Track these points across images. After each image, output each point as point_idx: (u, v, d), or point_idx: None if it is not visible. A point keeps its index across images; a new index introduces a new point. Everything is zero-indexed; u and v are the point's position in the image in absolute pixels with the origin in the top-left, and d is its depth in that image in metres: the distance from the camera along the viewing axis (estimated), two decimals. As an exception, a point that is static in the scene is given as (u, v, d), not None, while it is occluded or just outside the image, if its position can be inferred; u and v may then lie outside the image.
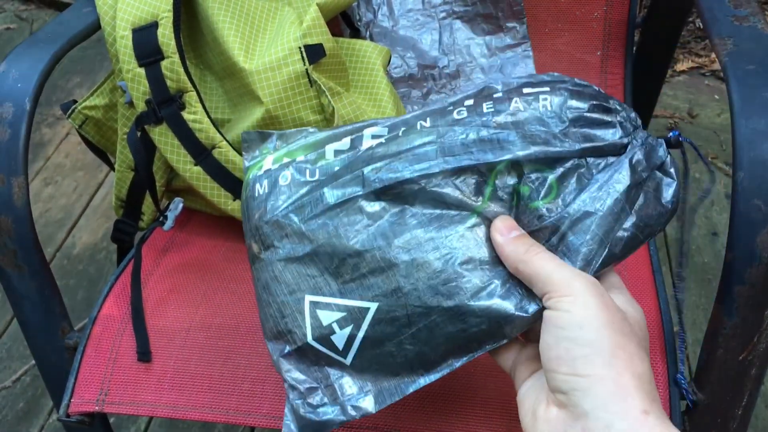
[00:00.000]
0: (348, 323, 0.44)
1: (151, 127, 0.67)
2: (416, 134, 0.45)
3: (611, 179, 0.42)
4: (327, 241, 0.44)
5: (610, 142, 0.43)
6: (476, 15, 0.92)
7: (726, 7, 0.63)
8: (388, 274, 0.43)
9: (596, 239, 0.42)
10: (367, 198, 0.44)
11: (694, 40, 1.76)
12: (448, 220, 0.43)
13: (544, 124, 0.43)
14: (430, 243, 0.43)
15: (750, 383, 0.54)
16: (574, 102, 0.43)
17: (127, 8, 0.66)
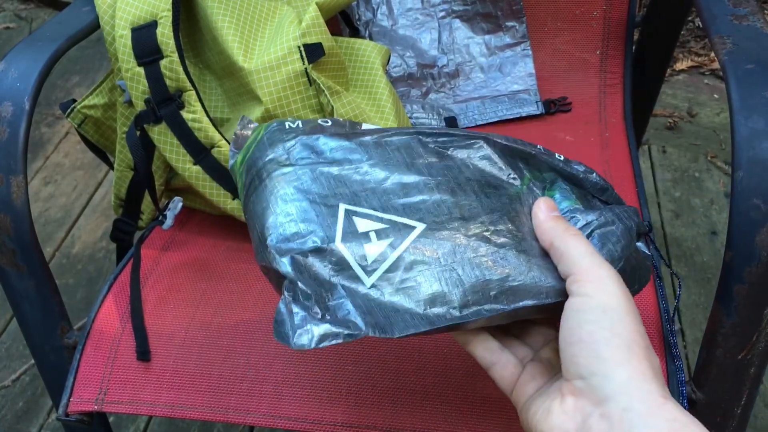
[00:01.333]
0: (388, 237, 0.41)
1: (150, 126, 0.67)
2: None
3: (624, 212, 0.46)
4: (381, 159, 0.43)
5: (597, 182, 0.49)
6: (475, 14, 0.92)
7: (725, 6, 0.63)
8: (440, 203, 0.43)
9: (619, 245, 0.44)
10: (424, 137, 0.45)
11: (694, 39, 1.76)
12: (499, 183, 0.45)
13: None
14: (482, 192, 0.44)
15: (749, 382, 0.54)
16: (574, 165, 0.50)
17: (126, 7, 0.66)
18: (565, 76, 0.92)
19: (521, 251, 0.43)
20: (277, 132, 0.44)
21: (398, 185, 0.43)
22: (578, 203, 0.47)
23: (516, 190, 0.45)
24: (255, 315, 0.63)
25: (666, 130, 1.54)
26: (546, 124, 0.89)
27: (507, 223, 0.44)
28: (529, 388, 0.43)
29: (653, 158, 1.47)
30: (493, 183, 0.45)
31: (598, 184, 0.48)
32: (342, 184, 0.42)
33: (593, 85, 0.91)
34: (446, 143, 0.45)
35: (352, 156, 0.44)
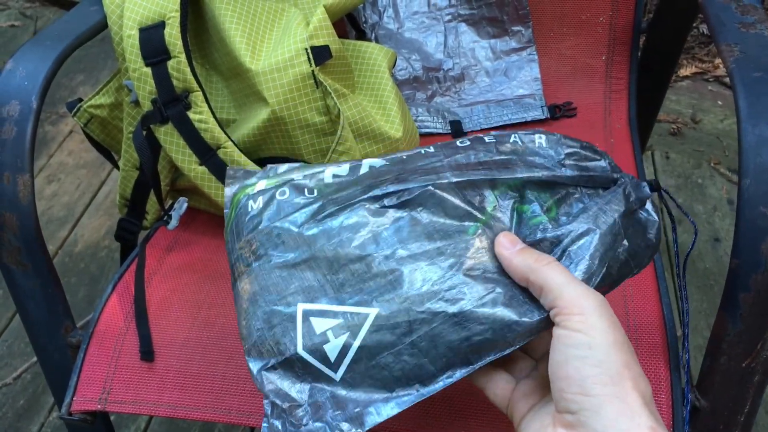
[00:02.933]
0: (344, 330, 0.42)
1: (156, 126, 0.67)
2: (421, 157, 0.46)
3: (609, 203, 0.45)
4: (327, 246, 0.44)
5: (602, 174, 0.46)
6: (481, 18, 0.92)
7: (733, 14, 0.63)
8: (390, 279, 0.43)
9: (597, 255, 0.43)
10: (371, 203, 0.44)
11: (698, 45, 1.76)
12: (453, 228, 0.44)
13: (542, 156, 0.46)
14: (435, 250, 0.43)
15: (753, 390, 0.54)
16: (568, 141, 0.47)
17: (134, 7, 0.66)
18: (571, 81, 0.92)
19: (480, 304, 0.41)
20: (242, 218, 0.47)
21: (348, 268, 0.43)
22: (547, 216, 0.45)
23: (473, 229, 0.44)
24: (259, 316, 0.63)
25: (669, 136, 1.54)
26: (551, 128, 0.89)
27: (463, 275, 0.42)
28: (521, 406, 0.43)
29: (656, 164, 1.47)
30: (446, 231, 0.43)
31: (581, 176, 0.46)
32: (298, 278, 0.44)
33: (598, 91, 0.91)
34: (393, 202, 0.44)
35: (308, 238, 0.44)
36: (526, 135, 0.47)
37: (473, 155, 0.46)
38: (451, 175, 0.44)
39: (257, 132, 0.68)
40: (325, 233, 0.44)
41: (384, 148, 0.71)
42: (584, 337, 0.37)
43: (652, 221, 0.47)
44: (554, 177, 0.45)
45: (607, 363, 0.37)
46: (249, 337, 0.45)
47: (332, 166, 0.48)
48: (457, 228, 0.44)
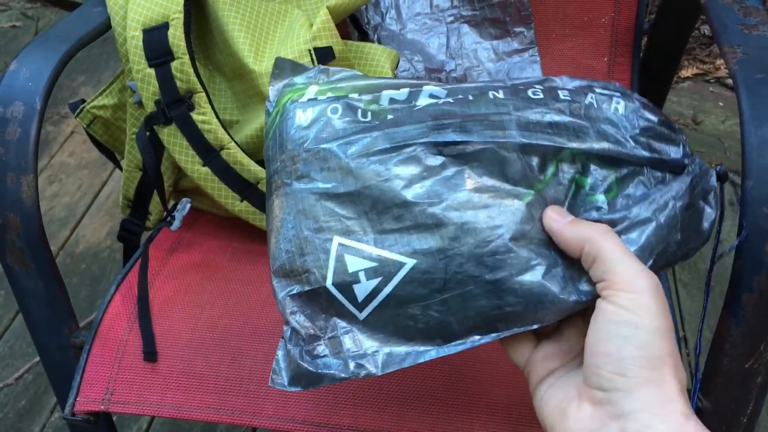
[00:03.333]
0: (377, 275, 0.41)
1: (160, 127, 0.67)
2: (489, 102, 0.43)
3: (674, 194, 0.42)
4: (375, 184, 0.41)
5: (674, 159, 0.44)
6: (484, 19, 0.92)
7: (735, 16, 0.63)
8: (434, 232, 0.40)
9: (648, 247, 0.41)
10: (428, 148, 0.41)
11: (699, 46, 1.76)
12: (506, 191, 0.41)
13: (616, 126, 0.43)
14: (484, 210, 0.41)
15: (755, 391, 0.54)
16: (647, 113, 0.45)
17: (137, 8, 0.66)
18: (573, 82, 0.92)
19: (520, 275, 0.40)
20: (287, 127, 0.44)
21: (392, 211, 0.41)
22: (606, 196, 0.43)
23: (527, 196, 0.41)
24: (262, 317, 0.63)
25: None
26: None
27: (508, 242, 0.40)
28: (540, 368, 0.42)
29: (658, 165, 1.47)
30: (499, 193, 0.41)
31: (651, 158, 0.43)
32: (339, 210, 0.42)
33: (600, 92, 0.91)
34: (452, 152, 0.42)
35: (356, 171, 0.42)
36: (604, 95, 0.44)
37: (545, 113, 0.43)
38: (518, 135, 0.42)
39: (261, 133, 0.68)
40: (375, 170, 0.41)
41: (387, 149, 0.71)
42: (632, 316, 0.36)
43: (709, 213, 0.45)
44: (624, 154, 0.42)
45: (650, 347, 0.35)
46: (277, 258, 0.43)
47: (388, 86, 0.45)
48: (510, 192, 0.41)
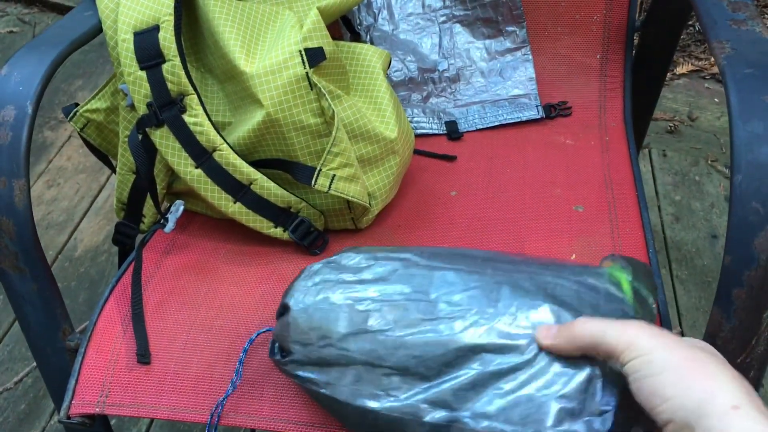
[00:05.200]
0: None
1: (152, 129, 0.67)
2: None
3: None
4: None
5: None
6: (476, 19, 0.92)
7: (724, 11, 0.63)
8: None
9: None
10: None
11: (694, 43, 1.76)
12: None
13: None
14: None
15: (748, 385, 0.54)
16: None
17: (128, 12, 0.66)
18: (566, 80, 0.93)
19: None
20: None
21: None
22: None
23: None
24: (256, 318, 0.63)
25: (666, 133, 1.54)
26: (546, 128, 0.89)
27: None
28: None
29: (654, 162, 1.47)
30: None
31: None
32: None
33: (593, 89, 0.92)
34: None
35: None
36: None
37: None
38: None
39: (252, 134, 0.69)
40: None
41: (379, 148, 0.71)
42: (641, 359, 0.39)
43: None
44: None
45: (668, 366, 0.38)
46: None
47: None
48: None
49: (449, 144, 0.89)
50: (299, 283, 0.53)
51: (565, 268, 0.50)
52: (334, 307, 0.50)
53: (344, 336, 0.48)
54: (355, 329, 0.48)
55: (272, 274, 0.69)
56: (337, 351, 0.48)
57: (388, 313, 0.48)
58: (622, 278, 0.49)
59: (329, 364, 0.49)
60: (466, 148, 0.87)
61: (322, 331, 0.49)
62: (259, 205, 0.70)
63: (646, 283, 0.49)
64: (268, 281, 0.68)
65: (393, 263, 0.51)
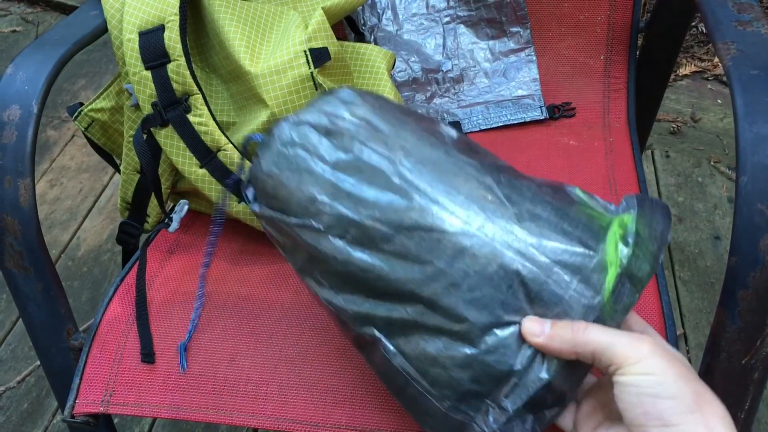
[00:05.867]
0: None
1: (156, 129, 0.67)
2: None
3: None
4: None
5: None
6: (480, 19, 0.92)
7: (729, 12, 0.63)
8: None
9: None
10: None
11: (697, 44, 1.76)
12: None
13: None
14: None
15: (753, 387, 0.54)
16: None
17: (133, 11, 0.66)
18: (569, 81, 0.93)
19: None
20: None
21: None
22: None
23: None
24: (259, 317, 0.63)
25: (669, 135, 1.54)
26: (550, 129, 0.89)
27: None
28: (587, 426, 0.44)
29: (657, 163, 1.47)
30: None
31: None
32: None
33: (597, 90, 0.92)
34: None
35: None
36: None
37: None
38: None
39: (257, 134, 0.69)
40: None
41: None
42: (650, 377, 0.39)
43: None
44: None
45: (680, 394, 0.38)
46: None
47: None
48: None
49: (453, 144, 0.89)
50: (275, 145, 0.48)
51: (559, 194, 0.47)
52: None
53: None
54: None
55: (276, 274, 0.69)
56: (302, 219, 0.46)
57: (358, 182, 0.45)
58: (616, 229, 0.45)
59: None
60: (469, 149, 0.87)
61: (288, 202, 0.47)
62: (263, 205, 0.70)
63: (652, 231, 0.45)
64: (272, 281, 0.68)
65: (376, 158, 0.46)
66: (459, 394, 0.43)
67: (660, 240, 0.44)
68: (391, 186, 0.44)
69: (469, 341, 0.43)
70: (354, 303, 0.46)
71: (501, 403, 0.42)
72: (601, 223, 0.45)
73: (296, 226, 0.46)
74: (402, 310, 0.44)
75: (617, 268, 0.42)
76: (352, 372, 0.58)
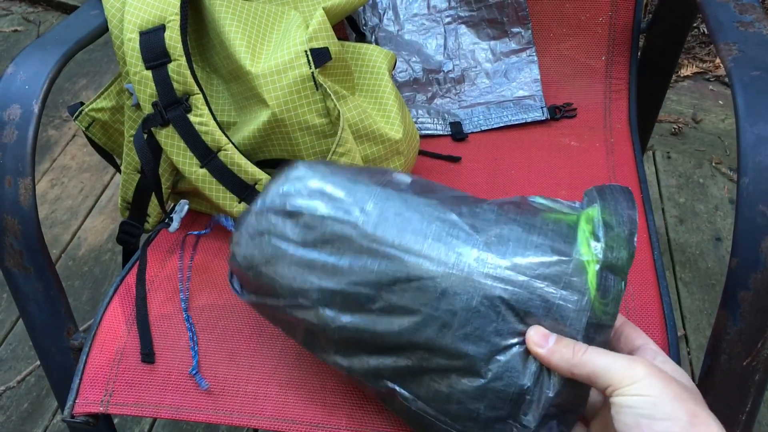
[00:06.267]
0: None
1: (157, 129, 0.67)
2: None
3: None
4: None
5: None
6: (481, 20, 0.92)
7: (731, 13, 0.63)
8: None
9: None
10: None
11: (699, 45, 1.76)
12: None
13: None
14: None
15: (754, 389, 0.54)
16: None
17: (134, 11, 0.66)
18: (571, 81, 0.93)
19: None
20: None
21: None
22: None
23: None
24: (260, 318, 0.63)
25: (671, 135, 1.54)
26: (551, 129, 0.89)
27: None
28: None
29: (658, 164, 1.46)
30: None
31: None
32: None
33: (598, 91, 0.91)
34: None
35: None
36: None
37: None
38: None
39: (258, 134, 0.69)
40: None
41: (384, 149, 0.71)
42: (645, 399, 0.39)
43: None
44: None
45: (675, 414, 0.39)
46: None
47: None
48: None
49: (454, 145, 0.89)
50: (248, 223, 0.51)
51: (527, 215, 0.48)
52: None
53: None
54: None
55: (276, 274, 0.69)
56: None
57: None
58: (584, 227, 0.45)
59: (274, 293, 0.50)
60: (470, 149, 0.87)
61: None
62: (263, 205, 0.70)
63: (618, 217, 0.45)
64: (273, 281, 0.68)
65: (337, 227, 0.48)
66: (481, 423, 0.44)
67: (629, 223, 0.45)
68: (361, 249, 0.46)
69: (476, 373, 0.44)
70: (360, 361, 0.48)
71: (522, 421, 0.43)
72: (569, 223, 0.46)
73: (287, 307, 0.49)
74: (405, 359, 0.46)
75: (595, 264, 0.43)
76: (353, 372, 0.58)
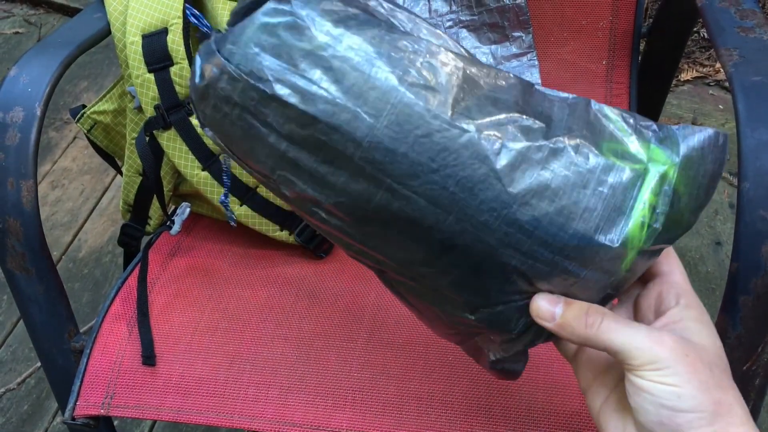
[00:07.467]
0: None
1: (159, 132, 0.67)
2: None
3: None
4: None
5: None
6: (482, 24, 0.92)
7: (732, 18, 0.63)
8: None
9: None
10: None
11: (699, 50, 1.76)
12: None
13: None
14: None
15: (754, 394, 0.54)
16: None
17: (137, 14, 0.66)
18: (571, 86, 0.93)
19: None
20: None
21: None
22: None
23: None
24: (261, 320, 0.63)
25: (671, 140, 1.54)
26: (552, 133, 0.89)
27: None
28: (597, 401, 0.42)
29: (658, 168, 1.47)
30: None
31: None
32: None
33: (599, 95, 0.92)
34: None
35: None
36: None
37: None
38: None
39: (259, 137, 0.69)
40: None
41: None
42: (669, 390, 0.36)
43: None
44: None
45: (699, 408, 0.36)
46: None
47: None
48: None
49: (455, 148, 0.89)
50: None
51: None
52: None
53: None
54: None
55: (277, 277, 0.69)
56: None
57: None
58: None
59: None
60: (471, 153, 0.87)
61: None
62: (265, 209, 0.70)
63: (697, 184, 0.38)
64: (274, 284, 0.68)
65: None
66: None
67: (704, 197, 0.38)
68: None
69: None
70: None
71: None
72: (631, 180, 0.37)
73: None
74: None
75: (638, 250, 0.37)
76: (353, 376, 0.58)
